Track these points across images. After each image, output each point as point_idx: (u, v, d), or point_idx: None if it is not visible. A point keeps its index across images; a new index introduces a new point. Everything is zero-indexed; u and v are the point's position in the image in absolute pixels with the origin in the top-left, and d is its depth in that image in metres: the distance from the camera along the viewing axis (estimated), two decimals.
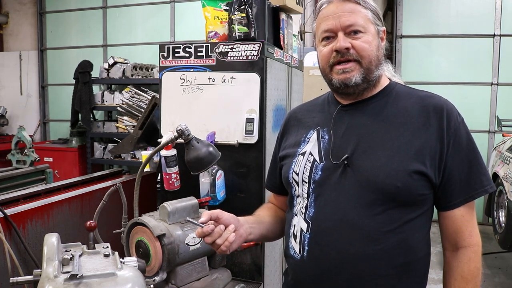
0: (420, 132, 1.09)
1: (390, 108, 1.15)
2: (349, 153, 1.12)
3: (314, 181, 1.15)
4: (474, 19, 5.36)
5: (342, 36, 1.12)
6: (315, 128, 1.23)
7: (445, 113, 1.11)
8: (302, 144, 1.23)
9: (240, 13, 1.89)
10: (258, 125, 1.83)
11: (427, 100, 1.14)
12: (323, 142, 1.18)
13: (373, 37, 1.13)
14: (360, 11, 1.12)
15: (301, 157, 1.20)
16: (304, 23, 5.01)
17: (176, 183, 1.83)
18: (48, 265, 0.97)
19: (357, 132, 1.14)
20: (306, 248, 1.14)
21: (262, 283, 1.91)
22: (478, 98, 5.28)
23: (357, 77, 1.12)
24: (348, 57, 1.12)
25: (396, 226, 1.07)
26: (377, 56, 1.14)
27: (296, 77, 2.42)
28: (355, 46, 1.11)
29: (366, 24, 1.12)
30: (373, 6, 1.16)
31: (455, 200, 1.11)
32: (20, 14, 7.04)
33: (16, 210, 1.55)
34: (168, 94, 1.96)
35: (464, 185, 1.10)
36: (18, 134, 3.26)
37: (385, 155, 1.08)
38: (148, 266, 1.46)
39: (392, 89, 1.19)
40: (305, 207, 1.16)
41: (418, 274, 1.13)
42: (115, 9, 6.43)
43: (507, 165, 3.80)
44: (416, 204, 1.09)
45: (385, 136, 1.11)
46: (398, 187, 1.05)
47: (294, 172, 1.20)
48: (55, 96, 6.91)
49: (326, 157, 1.16)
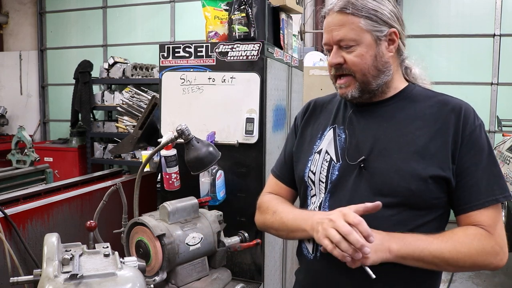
0: (437, 135, 1.08)
1: (407, 111, 1.13)
2: (365, 155, 1.11)
3: (331, 181, 1.15)
4: (474, 19, 5.35)
5: (334, 51, 1.12)
6: (331, 126, 1.22)
7: (462, 115, 1.08)
8: (318, 141, 1.22)
9: (240, 13, 1.88)
10: (258, 125, 1.83)
11: (445, 104, 1.12)
12: (340, 141, 1.17)
13: (367, 47, 1.09)
14: (351, 22, 1.09)
15: (317, 155, 1.19)
16: (304, 23, 5.01)
17: (176, 183, 1.83)
18: (48, 265, 0.97)
19: (373, 133, 1.13)
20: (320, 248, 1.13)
21: (262, 283, 1.91)
22: (478, 98, 5.27)
23: (353, 92, 1.12)
24: (342, 72, 1.12)
25: (411, 228, 1.06)
26: (375, 66, 1.11)
27: (296, 77, 2.42)
28: (347, 61, 1.10)
29: (358, 36, 1.09)
30: (373, 9, 1.09)
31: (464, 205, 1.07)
32: (20, 14, 7.04)
33: (16, 210, 1.55)
34: (168, 94, 1.96)
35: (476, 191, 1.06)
36: (18, 134, 3.26)
37: (400, 158, 1.07)
38: (148, 266, 1.46)
39: (410, 92, 1.17)
40: (319, 207, 1.16)
41: (431, 276, 1.12)
42: (115, 9, 6.43)
43: (507, 165, 3.80)
44: (430, 207, 1.08)
45: (401, 139, 1.10)
46: (412, 190, 1.04)
47: (311, 171, 1.19)
48: (55, 96, 6.91)
49: (342, 157, 1.15)
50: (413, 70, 1.20)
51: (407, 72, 1.21)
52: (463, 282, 3.74)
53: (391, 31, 1.11)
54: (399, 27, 1.13)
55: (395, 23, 1.12)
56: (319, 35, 5.54)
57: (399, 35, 1.13)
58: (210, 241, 1.58)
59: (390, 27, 1.11)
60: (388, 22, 1.11)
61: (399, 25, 1.13)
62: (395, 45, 1.13)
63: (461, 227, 1.08)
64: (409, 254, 1.02)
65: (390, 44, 1.13)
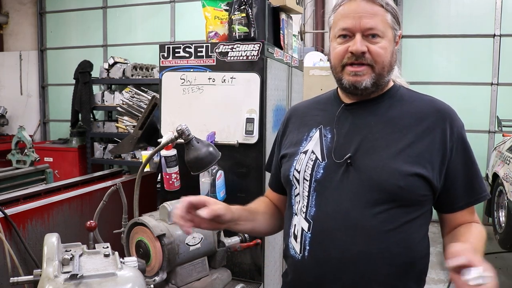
0: (424, 135, 1.10)
1: (395, 110, 1.15)
2: (352, 152, 1.11)
3: (315, 179, 1.15)
4: (474, 19, 5.35)
5: (359, 38, 1.09)
6: (317, 127, 1.22)
7: (448, 118, 1.12)
8: (303, 142, 1.23)
9: (240, 13, 1.89)
10: (258, 125, 1.83)
11: (431, 104, 1.15)
12: (326, 140, 1.18)
13: (389, 42, 1.12)
14: (382, 14, 1.10)
15: (303, 155, 1.20)
16: (304, 23, 5.01)
17: (176, 183, 1.83)
18: (48, 265, 0.97)
19: (361, 131, 1.14)
20: (307, 248, 1.13)
21: (262, 283, 1.91)
22: (478, 98, 5.27)
23: (368, 82, 1.11)
24: (362, 60, 1.10)
25: (397, 225, 1.07)
26: (390, 62, 1.13)
27: (296, 77, 2.42)
28: (371, 51, 1.10)
29: (385, 29, 1.10)
30: (394, 8, 1.13)
31: (460, 203, 1.13)
32: (20, 14, 7.04)
33: (16, 210, 1.55)
34: (168, 94, 1.96)
35: (467, 190, 1.12)
36: (18, 134, 3.26)
37: (388, 155, 1.08)
38: (148, 266, 1.46)
39: (396, 91, 1.19)
40: (305, 206, 1.16)
41: (418, 273, 1.13)
42: (115, 9, 6.43)
43: (507, 165, 3.80)
44: (417, 204, 1.10)
45: (388, 137, 1.11)
46: (401, 187, 1.05)
47: (296, 170, 1.20)
48: (55, 96, 6.92)
49: (328, 156, 1.15)
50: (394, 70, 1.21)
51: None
52: None
53: (400, 33, 1.16)
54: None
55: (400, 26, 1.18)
56: (319, 35, 5.54)
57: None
58: (210, 241, 1.58)
59: (400, 29, 1.16)
60: (399, 23, 1.16)
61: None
62: (397, 46, 1.17)
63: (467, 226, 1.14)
64: None
65: (396, 45, 1.16)
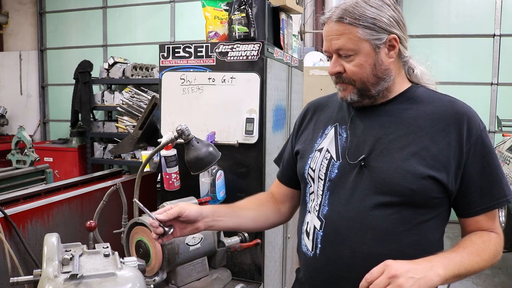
0: (439, 137, 1.08)
1: (410, 111, 1.13)
2: (366, 154, 1.11)
3: (329, 179, 1.16)
4: (474, 19, 5.36)
5: (334, 59, 1.13)
6: (333, 124, 1.23)
7: (466, 120, 1.09)
8: (319, 139, 1.23)
9: (240, 13, 1.88)
10: (258, 125, 1.83)
11: (449, 106, 1.12)
12: (341, 139, 1.18)
13: (366, 56, 1.09)
14: (349, 32, 1.08)
15: (318, 153, 1.20)
16: (304, 23, 5.01)
17: (176, 183, 1.83)
18: (48, 265, 0.97)
19: (375, 133, 1.14)
20: (319, 246, 1.14)
21: (262, 283, 1.91)
22: (478, 98, 5.27)
23: (352, 96, 1.14)
24: (342, 80, 1.14)
25: (410, 226, 1.07)
26: (374, 74, 1.11)
27: (296, 77, 2.42)
28: (347, 70, 1.12)
29: (356, 45, 1.08)
30: (370, 17, 1.08)
31: (475, 208, 1.10)
32: (20, 14, 7.04)
33: (16, 210, 1.54)
34: (168, 94, 1.96)
35: (485, 194, 1.09)
36: (18, 134, 3.26)
37: (401, 158, 1.08)
38: (148, 266, 1.46)
39: (413, 93, 1.16)
40: (319, 204, 1.17)
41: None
42: (115, 9, 6.43)
43: (507, 165, 3.80)
44: (430, 206, 1.09)
45: (402, 139, 1.10)
46: (413, 189, 1.05)
47: (310, 168, 1.20)
48: (55, 96, 6.91)
49: (343, 156, 1.15)
50: (415, 70, 1.20)
51: (410, 72, 1.20)
52: (463, 282, 3.74)
53: (390, 37, 1.10)
54: (399, 31, 1.11)
55: (394, 28, 1.10)
56: (319, 35, 5.54)
57: (399, 40, 1.12)
58: (210, 241, 1.58)
59: (389, 34, 1.10)
60: (387, 29, 1.09)
61: (399, 30, 1.11)
62: (395, 50, 1.12)
63: (476, 234, 1.11)
64: (451, 276, 1.01)
65: (391, 50, 1.11)
